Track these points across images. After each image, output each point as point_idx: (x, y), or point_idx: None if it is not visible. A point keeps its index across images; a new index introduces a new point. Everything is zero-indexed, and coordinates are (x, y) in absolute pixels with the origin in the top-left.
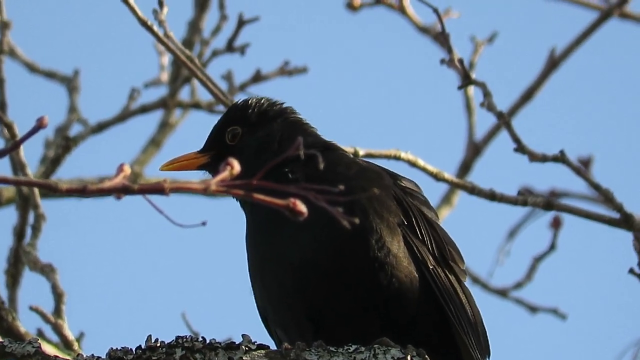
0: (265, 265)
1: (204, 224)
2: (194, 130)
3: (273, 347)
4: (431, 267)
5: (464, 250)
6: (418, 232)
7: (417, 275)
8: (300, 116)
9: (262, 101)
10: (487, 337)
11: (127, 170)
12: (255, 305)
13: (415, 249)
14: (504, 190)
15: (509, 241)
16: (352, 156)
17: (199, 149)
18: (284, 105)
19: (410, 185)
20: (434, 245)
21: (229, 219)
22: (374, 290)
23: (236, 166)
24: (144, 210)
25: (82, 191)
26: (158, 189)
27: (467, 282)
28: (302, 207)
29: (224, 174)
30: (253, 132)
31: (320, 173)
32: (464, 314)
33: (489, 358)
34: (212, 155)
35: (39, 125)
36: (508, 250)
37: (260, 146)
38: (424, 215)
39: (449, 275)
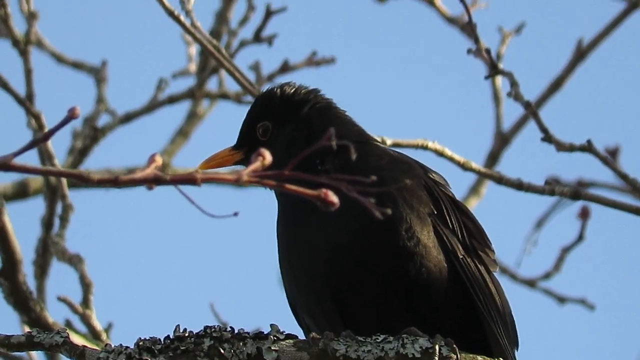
0: (293, 253)
1: (235, 214)
2: (221, 120)
3: (302, 336)
4: (461, 256)
5: (492, 240)
6: (448, 222)
7: (446, 265)
8: (327, 99)
9: (285, 89)
10: (515, 327)
11: (159, 160)
12: (285, 294)
13: (445, 238)
14: (532, 180)
15: (537, 231)
16: (383, 146)
17: (232, 145)
18: (309, 90)
19: (439, 179)
20: (464, 234)
21: (258, 210)
22: (403, 280)
23: (268, 156)
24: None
25: (113, 182)
26: (190, 180)
27: (496, 271)
28: (333, 198)
29: (256, 165)
30: (282, 124)
31: (351, 163)
32: (493, 304)
33: (517, 348)
34: (246, 151)
35: (71, 115)
36: (535, 240)
37: (289, 142)
38: (456, 204)
39: (479, 265)
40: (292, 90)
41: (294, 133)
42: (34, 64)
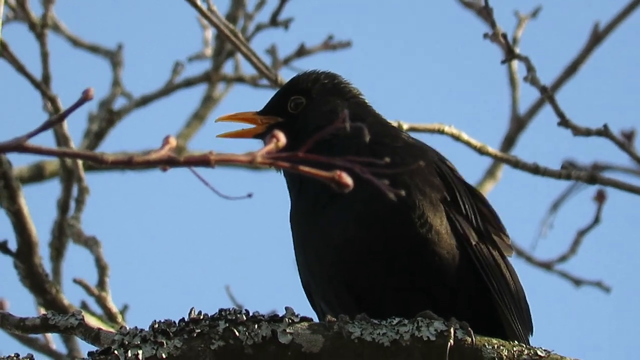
0: (308, 242)
1: (249, 195)
2: (237, 104)
3: (317, 319)
4: (474, 243)
5: (507, 224)
6: (462, 208)
7: (459, 252)
8: (365, 99)
9: (330, 77)
10: (530, 313)
11: (173, 142)
12: (300, 279)
13: (457, 224)
14: (548, 164)
15: (552, 214)
16: (399, 130)
17: (258, 110)
18: (351, 86)
19: (451, 166)
20: (478, 220)
21: (273, 192)
22: (416, 267)
23: (282, 138)
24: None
25: (127, 163)
26: (204, 161)
27: (512, 255)
28: (347, 180)
29: (270, 146)
30: (317, 106)
31: (367, 146)
32: (506, 290)
33: (531, 334)
34: (270, 125)
35: (85, 97)
36: (551, 222)
37: (323, 121)
38: (469, 189)
39: (493, 251)
40: (336, 80)
41: (327, 115)
42: (50, 48)
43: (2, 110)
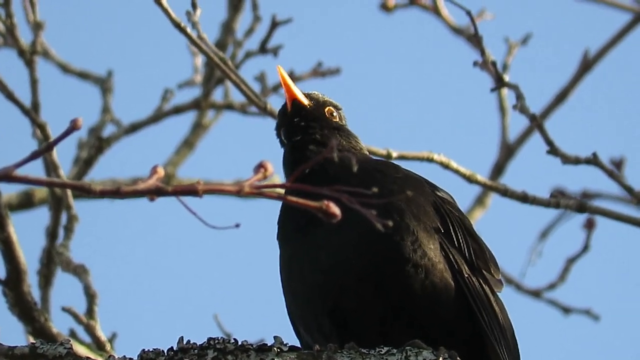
0: (293, 265)
1: (237, 226)
2: (227, 131)
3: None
4: (466, 275)
5: (496, 252)
6: (455, 241)
7: (452, 282)
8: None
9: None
10: (518, 349)
11: (161, 172)
12: (285, 306)
13: (451, 256)
14: (537, 192)
15: (541, 241)
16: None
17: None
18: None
19: (446, 197)
20: (471, 254)
21: (262, 220)
22: (407, 293)
23: (269, 168)
24: (176, 211)
25: (115, 193)
26: (191, 191)
27: (502, 291)
28: (335, 210)
29: (257, 176)
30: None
31: (360, 176)
32: (496, 324)
33: None
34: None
35: (73, 127)
36: (540, 250)
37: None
38: (463, 223)
39: (484, 285)
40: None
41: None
42: (39, 74)
43: None
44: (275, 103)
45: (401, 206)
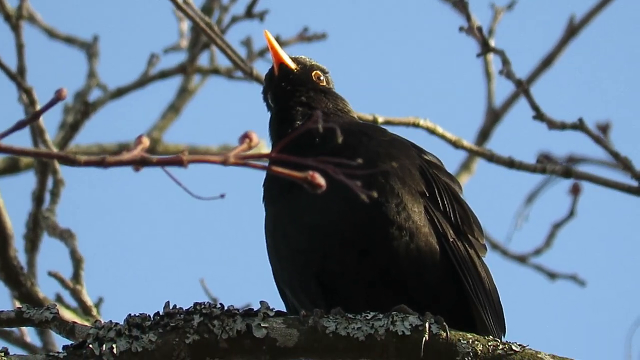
0: (278, 228)
1: (222, 196)
2: (213, 96)
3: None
4: (451, 239)
5: (482, 217)
6: (440, 204)
7: (436, 246)
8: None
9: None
10: (503, 313)
11: (146, 142)
12: (271, 269)
13: (436, 220)
14: (523, 157)
15: (527, 206)
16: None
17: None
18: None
19: (434, 160)
20: (457, 218)
21: (249, 185)
22: (392, 256)
23: (255, 138)
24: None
25: (100, 163)
26: (176, 161)
27: (487, 245)
28: (320, 180)
29: (242, 147)
30: (318, 99)
31: (347, 139)
32: (481, 288)
33: (504, 334)
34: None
35: (58, 97)
36: (526, 215)
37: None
38: (450, 187)
39: (469, 249)
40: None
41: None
42: (25, 39)
43: None
44: (261, 68)
45: (386, 168)
